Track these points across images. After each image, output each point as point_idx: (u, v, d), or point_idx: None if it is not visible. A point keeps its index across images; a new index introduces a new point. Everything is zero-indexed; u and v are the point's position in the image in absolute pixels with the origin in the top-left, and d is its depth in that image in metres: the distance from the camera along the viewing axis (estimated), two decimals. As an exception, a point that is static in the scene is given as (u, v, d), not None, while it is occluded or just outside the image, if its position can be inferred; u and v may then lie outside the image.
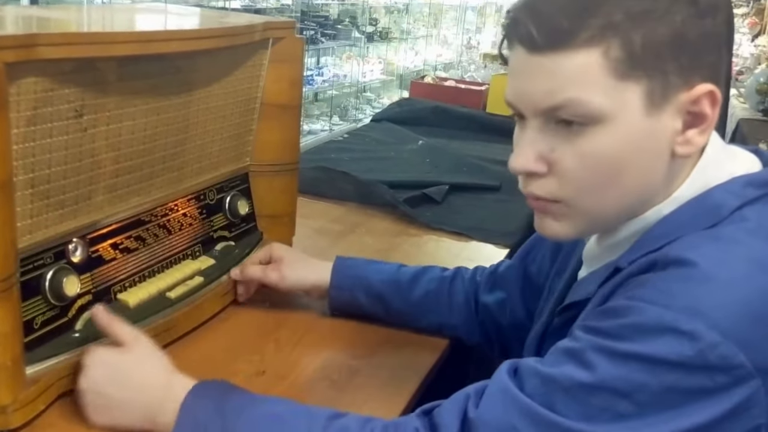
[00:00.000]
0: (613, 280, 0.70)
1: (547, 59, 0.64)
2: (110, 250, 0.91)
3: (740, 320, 0.60)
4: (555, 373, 0.63)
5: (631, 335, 0.61)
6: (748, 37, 5.37)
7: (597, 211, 0.70)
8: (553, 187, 0.68)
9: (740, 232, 0.66)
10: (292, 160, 1.20)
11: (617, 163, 0.66)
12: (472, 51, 7.47)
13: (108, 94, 0.84)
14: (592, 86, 0.64)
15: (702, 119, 0.67)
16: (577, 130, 0.66)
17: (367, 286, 1.05)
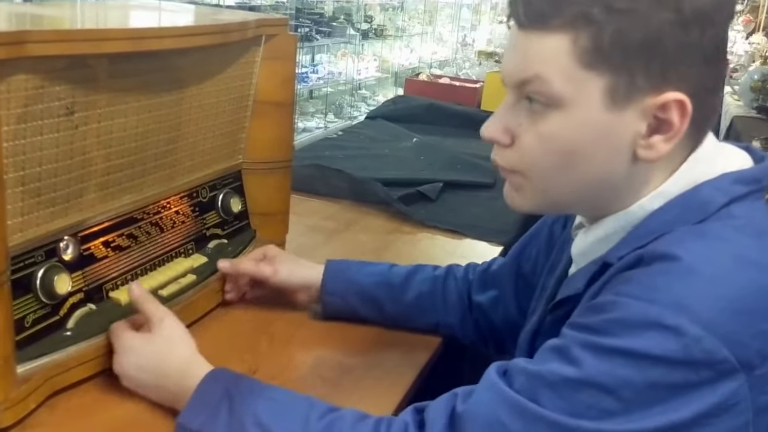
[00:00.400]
0: (603, 276, 0.70)
1: (526, 37, 0.68)
2: (102, 248, 0.91)
3: (724, 315, 0.60)
4: (542, 369, 0.64)
5: (615, 330, 0.61)
6: (743, 34, 5.38)
7: (550, 190, 0.72)
8: (512, 159, 0.72)
9: (727, 229, 0.66)
10: (285, 158, 1.20)
11: (571, 149, 0.68)
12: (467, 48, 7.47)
13: (99, 92, 0.84)
14: (557, 69, 0.66)
15: (669, 127, 0.67)
16: (540, 110, 0.68)
17: (359, 290, 1.04)
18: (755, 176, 0.71)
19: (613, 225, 0.73)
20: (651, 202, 0.70)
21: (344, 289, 1.04)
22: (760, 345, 0.61)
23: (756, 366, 0.60)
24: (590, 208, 0.75)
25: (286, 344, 0.99)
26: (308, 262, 1.09)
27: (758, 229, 0.68)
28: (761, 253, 0.66)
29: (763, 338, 0.61)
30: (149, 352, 0.84)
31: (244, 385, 0.79)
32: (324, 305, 1.05)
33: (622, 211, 0.72)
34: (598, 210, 0.74)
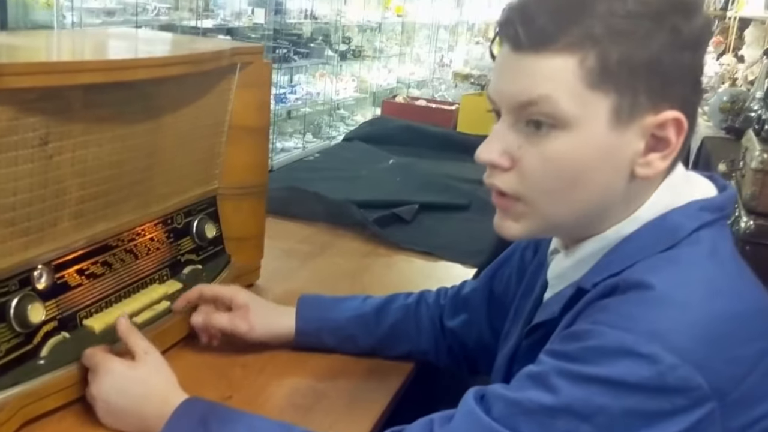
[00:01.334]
0: (578, 303, 0.71)
1: (528, 59, 0.68)
2: (76, 276, 0.91)
3: (697, 343, 0.62)
4: (520, 397, 0.65)
5: (593, 358, 0.63)
6: (713, 55, 5.48)
7: (553, 214, 0.72)
8: (513, 183, 0.71)
9: (696, 256, 0.68)
10: (260, 183, 1.21)
11: (576, 170, 0.69)
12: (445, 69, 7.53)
13: (74, 122, 0.85)
14: (564, 89, 0.67)
15: (665, 144, 0.69)
16: (544, 132, 0.68)
17: (334, 327, 1.04)
18: (720, 204, 0.73)
19: (590, 249, 0.74)
20: (625, 226, 0.72)
21: (318, 329, 1.04)
22: (732, 371, 0.63)
23: (728, 392, 0.62)
24: (578, 232, 0.75)
25: (260, 372, 1.00)
26: (281, 308, 1.06)
27: (724, 256, 0.70)
28: (730, 280, 0.68)
29: (734, 364, 0.63)
30: (132, 377, 0.85)
31: (220, 412, 0.79)
32: (297, 344, 1.05)
33: (599, 235, 0.73)
34: (583, 233, 0.74)
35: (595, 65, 0.66)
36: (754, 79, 3.85)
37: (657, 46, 0.66)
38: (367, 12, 6.66)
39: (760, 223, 1.82)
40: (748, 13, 5.06)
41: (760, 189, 1.80)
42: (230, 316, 1.02)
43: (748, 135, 2.10)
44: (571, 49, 0.66)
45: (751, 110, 2.93)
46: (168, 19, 4.11)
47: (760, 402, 0.64)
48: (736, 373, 0.63)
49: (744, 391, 0.63)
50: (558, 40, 0.66)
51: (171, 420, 0.79)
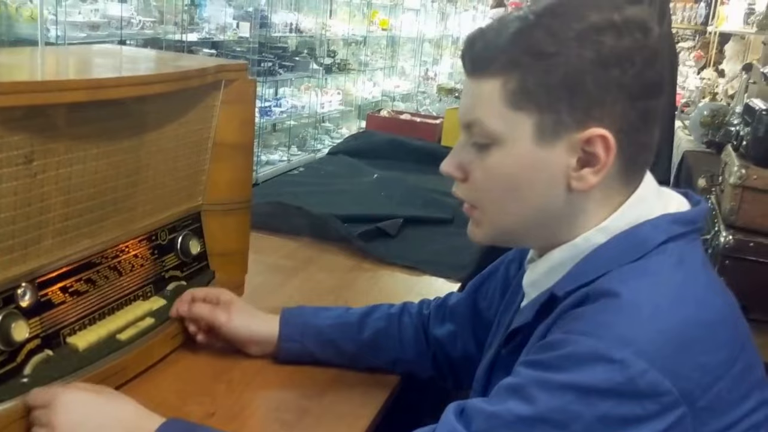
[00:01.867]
0: (552, 313, 0.74)
1: (471, 83, 0.77)
2: (60, 294, 0.91)
3: (665, 349, 0.64)
4: (498, 409, 0.67)
5: (566, 365, 0.65)
6: (694, 70, 5.55)
7: (501, 220, 0.79)
8: (467, 193, 0.80)
9: (664, 266, 0.71)
10: (244, 199, 1.21)
11: (512, 182, 0.75)
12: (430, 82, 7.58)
13: (58, 140, 0.85)
14: (491, 111, 0.74)
15: (596, 160, 0.72)
16: (483, 148, 0.76)
17: (316, 333, 1.05)
18: (691, 218, 0.76)
19: (559, 257, 0.78)
20: (595, 236, 0.75)
21: (301, 334, 1.05)
22: (700, 377, 0.65)
23: (697, 398, 0.64)
24: (539, 239, 0.80)
25: (245, 388, 1.00)
26: (264, 313, 1.09)
27: (693, 267, 0.73)
28: (697, 289, 0.70)
29: (702, 371, 0.65)
30: (98, 400, 0.82)
31: None
32: (280, 351, 1.05)
33: (568, 243, 0.77)
34: (546, 241, 0.79)
35: (515, 87, 0.72)
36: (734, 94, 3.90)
37: (577, 66, 0.70)
38: (352, 26, 6.69)
39: (739, 238, 1.84)
40: (728, 28, 5.13)
41: (738, 204, 1.82)
42: (212, 307, 1.06)
43: (727, 150, 2.13)
44: (496, 73, 0.73)
45: (731, 125, 2.97)
46: (153, 33, 4.11)
47: (729, 410, 0.67)
48: (705, 379, 0.65)
49: (713, 398, 0.65)
50: (488, 65, 0.73)
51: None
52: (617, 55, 0.70)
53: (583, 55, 0.70)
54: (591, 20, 0.70)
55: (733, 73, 4.60)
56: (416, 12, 8.10)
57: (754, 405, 0.69)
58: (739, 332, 0.71)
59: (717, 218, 1.96)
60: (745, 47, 4.93)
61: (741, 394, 0.68)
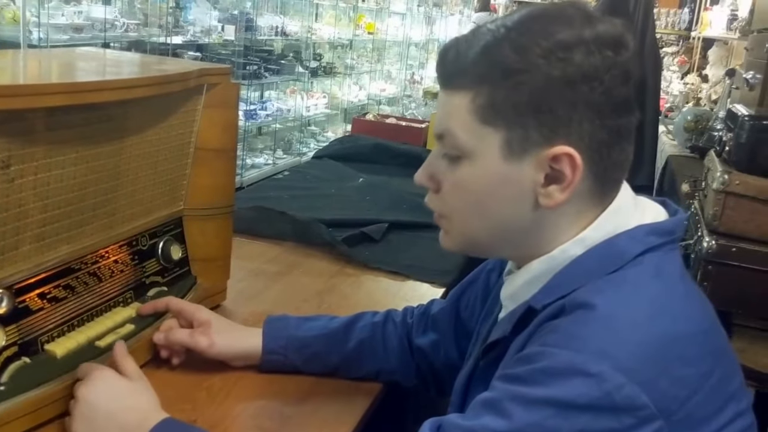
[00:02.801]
0: (530, 325, 0.73)
1: (444, 94, 0.77)
2: (38, 300, 0.90)
3: (642, 362, 0.64)
4: (474, 425, 0.66)
5: (543, 380, 0.64)
6: (678, 75, 5.59)
7: (468, 233, 0.79)
8: (437, 204, 0.80)
9: (641, 277, 0.70)
10: (226, 204, 1.21)
11: (478, 194, 0.76)
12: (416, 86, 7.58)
13: (36, 144, 0.84)
14: (461, 124, 0.74)
15: (562, 177, 0.72)
16: (455, 160, 0.76)
17: (300, 345, 1.04)
18: (669, 228, 0.75)
19: (537, 269, 0.77)
20: (572, 247, 0.75)
21: (284, 347, 1.04)
22: (677, 391, 0.64)
23: (674, 411, 0.64)
24: (509, 251, 0.81)
25: (226, 395, 0.99)
26: (244, 328, 1.07)
27: (670, 278, 0.72)
28: (673, 301, 0.70)
29: (680, 384, 0.65)
30: (123, 386, 0.87)
31: None
32: (264, 363, 1.04)
33: (545, 256, 0.76)
34: (518, 252, 0.79)
35: (484, 102, 0.72)
36: (718, 99, 3.93)
37: (544, 83, 0.69)
38: (338, 29, 6.69)
39: (722, 243, 1.85)
40: (711, 33, 5.17)
41: (721, 209, 1.83)
42: (191, 331, 1.03)
43: (710, 155, 2.14)
44: (466, 86, 0.73)
45: (714, 129, 2.99)
46: (137, 36, 4.09)
47: (705, 422, 0.66)
48: (681, 393, 0.64)
49: (689, 411, 0.65)
50: (457, 79, 0.74)
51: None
52: (584, 73, 0.69)
53: (549, 73, 0.69)
54: (559, 37, 0.70)
55: (716, 78, 4.63)
56: (402, 16, 8.11)
57: (731, 416, 0.69)
58: (717, 343, 0.71)
59: (700, 223, 1.96)
60: (729, 53, 4.97)
61: (717, 406, 0.67)
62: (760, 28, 2.83)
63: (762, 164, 1.85)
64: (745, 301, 1.85)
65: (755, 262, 1.83)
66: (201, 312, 1.05)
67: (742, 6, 4.38)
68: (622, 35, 0.72)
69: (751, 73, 2.60)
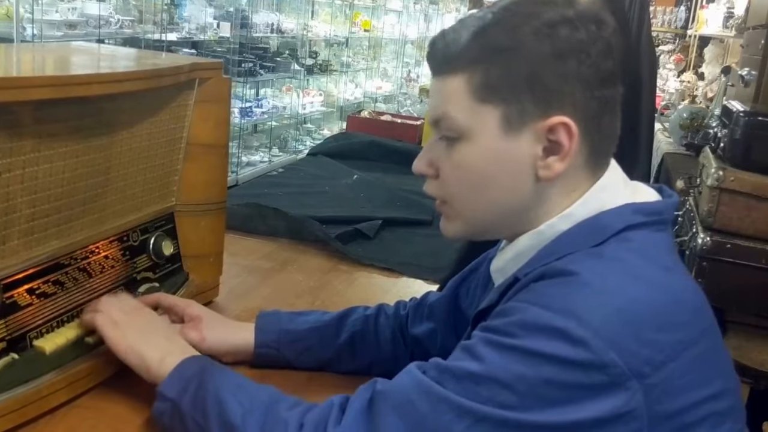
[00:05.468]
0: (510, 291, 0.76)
1: (436, 81, 0.79)
2: (26, 296, 0.89)
3: (611, 322, 0.66)
4: (451, 364, 0.71)
5: (515, 331, 0.68)
6: (674, 73, 5.59)
7: (471, 214, 0.80)
8: (436, 189, 0.81)
9: (620, 251, 0.73)
10: (218, 200, 1.20)
11: (480, 174, 0.77)
12: (412, 83, 7.58)
13: (24, 138, 0.83)
14: (458, 106, 0.76)
15: (560, 148, 0.75)
16: (452, 144, 0.78)
17: (292, 339, 1.04)
18: (657, 209, 0.78)
19: (525, 244, 0.80)
20: (559, 223, 0.77)
21: (277, 340, 1.04)
22: (650, 354, 0.66)
23: (646, 374, 0.65)
24: (508, 229, 0.82)
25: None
26: (235, 322, 1.08)
27: (653, 252, 0.74)
28: (650, 272, 0.71)
29: (651, 347, 0.66)
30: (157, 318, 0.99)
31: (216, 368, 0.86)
32: (256, 358, 1.04)
33: (533, 231, 0.79)
34: (515, 230, 0.81)
35: (479, 82, 0.75)
36: (713, 96, 3.93)
37: (535, 58, 0.73)
38: (334, 27, 6.69)
39: (717, 240, 1.85)
40: (707, 31, 5.17)
41: (716, 206, 1.83)
42: (182, 326, 1.03)
43: (704, 152, 2.14)
44: (460, 70, 0.76)
45: (709, 127, 2.99)
46: (132, 32, 4.08)
47: (685, 392, 0.67)
48: (654, 357, 0.66)
49: (665, 376, 0.66)
50: (450, 63, 0.77)
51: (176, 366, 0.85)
52: (572, 48, 0.73)
53: (540, 49, 0.73)
54: (545, 16, 0.74)
55: (712, 76, 4.63)
56: (398, 14, 8.11)
57: (715, 391, 0.69)
58: (700, 318, 0.72)
59: (695, 220, 1.96)
60: (725, 50, 4.97)
61: (700, 378, 0.68)
62: (755, 24, 2.83)
63: (757, 160, 1.85)
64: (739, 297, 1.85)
65: (750, 259, 1.83)
66: (192, 307, 1.05)
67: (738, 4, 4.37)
68: (601, 12, 0.76)
69: (746, 69, 2.60)
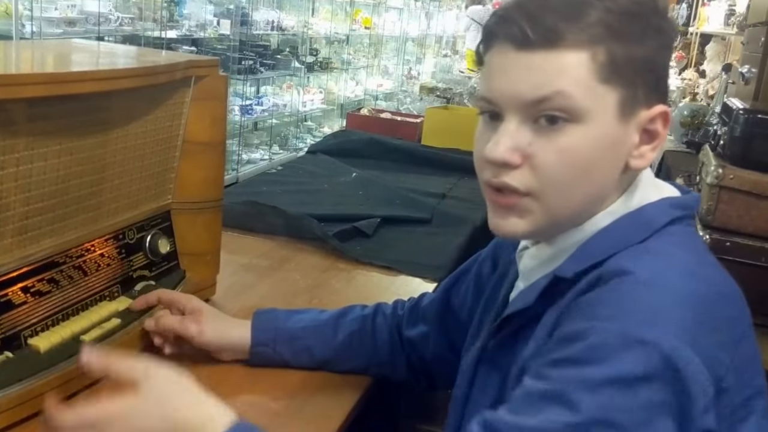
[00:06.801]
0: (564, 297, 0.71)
1: (537, 56, 0.70)
2: (20, 294, 0.89)
3: (690, 324, 0.63)
4: (539, 422, 0.62)
5: (599, 357, 0.62)
6: (675, 70, 5.58)
7: (560, 206, 0.73)
8: (525, 179, 0.72)
9: (669, 245, 0.71)
10: (215, 198, 1.19)
11: (588, 161, 0.71)
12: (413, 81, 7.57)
13: (17, 136, 0.83)
14: (578, 84, 0.69)
15: (654, 136, 0.74)
16: (559, 126, 0.70)
17: (289, 338, 1.03)
18: (688, 203, 0.77)
19: (565, 241, 0.76)
20: (602, 218, 0.75)
21: (273, 339, 1.02)
22: (722, 355, 0.64)
23: (722, 377, 0.63)
24: (571, 224, 0.76)
25: (213, 389, 0.96)
26: (234, 319, 1.06)
27: (694, 248, 0.73)
28: (703, 267, 0.71)
29: (721, 348, 0.64)
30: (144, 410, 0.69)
31: None
32: (252, 356, 1.03)
33: (575, 228, 0.75)
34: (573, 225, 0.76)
35: (605, 60, 0.69)
36: (714, 94, 3.92)
37: (650, 45, 0.71)
38: (335, 24, 6.67)
39: (716, 238, 1.84)
40: (709, 29, 5.15)
41: (715, 204, 1.82)
42: (181, 318, 1.02)
43: (704, 150, 2.13)
44: (581, 45, 0.69)
45: (710, 125, 2.98)
46: (131, 30, 4.07)
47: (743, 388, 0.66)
48: (725, 358, 0.64)
49: (731, 377, 0.64)
50: (567, 36, 0.69)
51: None
52: (672, 38, 0.74)
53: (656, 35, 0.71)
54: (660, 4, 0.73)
55: (713, 74, 4.62)
56: (399, 11, 8.10)
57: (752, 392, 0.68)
58: (745, 311, 0.71)
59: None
60: (726, 48, 4.96)
61: (747, 377, 0.67)
62: (755, 22, 2.82)
63: (756, 158, 1.84)
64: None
65: (749, 257, 1.82)
66: (193, 301, 1.04)
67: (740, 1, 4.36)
68: None
69: (747, 67, 2.59)
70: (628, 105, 0.71)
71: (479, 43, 0.76)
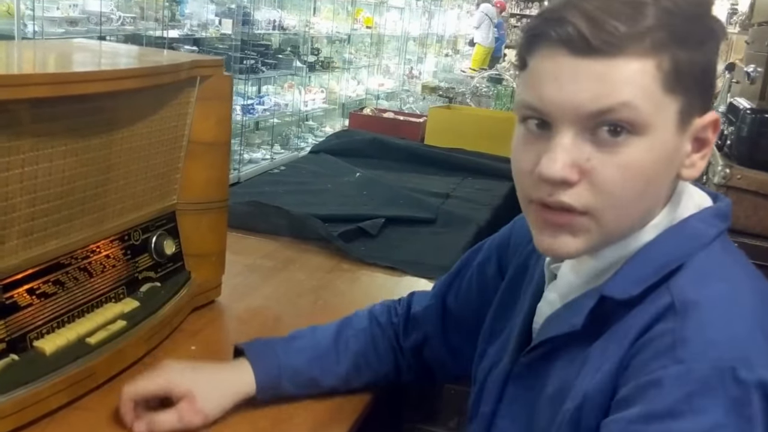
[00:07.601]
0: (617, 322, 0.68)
1: (599, 63, 0.64)
2: (26, 296, 0.88)
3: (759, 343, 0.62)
4: None
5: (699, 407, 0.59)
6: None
7: (617, 224, 0.68)
8: (586, 197, 0.66)
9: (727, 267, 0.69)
10: (220, 198, 1.19)
11: (649, 176, 0.66)
12: (414, 80, 7.57)
13: (22, 137, 0.82)
14: (644, 94, 0.64)
15: (704, 144, 0.70)
16: (621, 140, 0.65)
17: (293, 374, 0.96)
18: (726, 212, 0.73)
19: (609, 256, 0.71)
20: (647, 232, 0.70)
21: (277, 377, 0.95)
22: None
23: None
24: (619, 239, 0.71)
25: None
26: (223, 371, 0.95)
27: (740, 261, 0.71)
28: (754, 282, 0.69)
29: None
30: None
31: None
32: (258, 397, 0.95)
33: (619, 242, 0.70)
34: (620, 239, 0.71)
35: (670, 68, 0.64)
36: (717, 93, 3.91)
37: (708, 49, 0.67)
38: (337, 23, 6.67)
39: (723, 237, 1.83)
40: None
41: (722, 203, 1.81)
42: (177, 411, 0.88)
43: (710, 149, 2.12)
44: (647, 53, 0.64)
45: (713, 124, 2.96)
46: (133, 29, 4.06)
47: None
48: None
49: None
50: (631, 44, 0.63)
51: None
52: (720, 38, 0.69)
53: (713, 41, 0.68)
54: (713, 7, 0.70)
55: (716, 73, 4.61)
56: (401, 10, 8.09)
57: None
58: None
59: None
60: (729, 47, 4.95)
61: None
62: (760, 21, 2.81)
63: (764, 158, 1.83)
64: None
65: (758, 258, 1.80)
66: (175, 387, 0.89)
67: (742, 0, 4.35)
68: None
69: (752, 66, 2.58)
70: (686, 114, 0.67)
71: (520, 44, 0.71)
